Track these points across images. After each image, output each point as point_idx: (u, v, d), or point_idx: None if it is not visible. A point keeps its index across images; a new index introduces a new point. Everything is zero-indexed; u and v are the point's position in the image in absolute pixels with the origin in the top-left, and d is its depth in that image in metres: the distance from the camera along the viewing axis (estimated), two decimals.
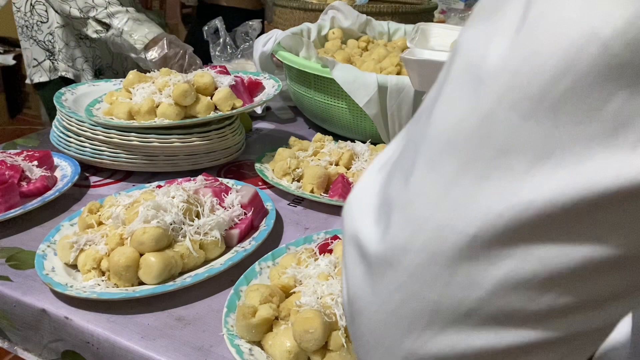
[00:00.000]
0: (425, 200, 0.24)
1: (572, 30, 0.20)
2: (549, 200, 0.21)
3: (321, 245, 0.67)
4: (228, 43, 1.41)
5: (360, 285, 0.27)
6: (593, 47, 0.19)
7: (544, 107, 0.20)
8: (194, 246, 0.67)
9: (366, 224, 0.27)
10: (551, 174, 0.21)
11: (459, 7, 2.27)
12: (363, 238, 0.27)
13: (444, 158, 0.23)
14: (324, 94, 1.09)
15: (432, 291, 0.24)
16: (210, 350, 0.57)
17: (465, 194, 0.22)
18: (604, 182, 0.20)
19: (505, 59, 0.21)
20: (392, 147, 0.30)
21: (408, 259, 0.24)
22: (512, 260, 0.22)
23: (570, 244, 0.21)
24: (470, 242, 0.22)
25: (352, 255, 0.28)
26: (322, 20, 1.39)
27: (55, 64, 1.40)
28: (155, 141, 0.90)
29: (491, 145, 0.22)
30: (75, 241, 0.67)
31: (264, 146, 1.09)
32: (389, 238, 0.25)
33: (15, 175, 0.83)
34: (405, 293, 0.24)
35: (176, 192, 0.72)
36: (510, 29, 0.22)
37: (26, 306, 0.64)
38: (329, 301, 0.56)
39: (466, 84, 0.23)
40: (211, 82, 0.95)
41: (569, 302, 0.22)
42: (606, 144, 0.20)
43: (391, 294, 0.25)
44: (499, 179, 0.22)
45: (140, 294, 0.62)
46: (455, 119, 0.23)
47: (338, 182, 0.88)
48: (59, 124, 0.96)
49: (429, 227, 0.23)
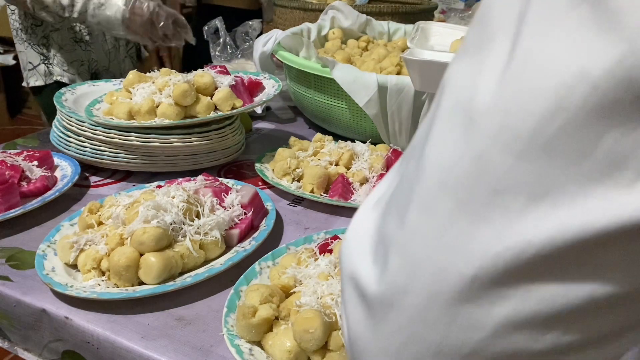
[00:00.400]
0: (421, 241, 0.24)
1: (561, 69, 0.19)
2: (547, 241, 0.20)
3: (321, 245, 0.67)
4: (228, 43, 1.41)
5: (361, 326, 0.26)
6: (583, 86, 0.19)
7: (536, 147, 0.20)
8: (194, 246, 0.68)
9: (364, 264, 0.27)
10: (548, 214, 0.20)
11: (459, 7, 2.27)
12: (361, 278, 0.26)
13: (438, 199, 0.23)
14: (324, 94, 1.09)
15: (433, 333, 0.23)
16: (210, 350, 0.57)
17: (462, 234, 0.22)
18: (601, 222, 0.20)
19: (495, 98, 0.21)
20: (386, 181, 0.30)
21: (408, 300, 0.24)
22: (513, 300, 0.22)
23: (570, 282, 0.21)
24: (470, 283, 0.22)
25: (351, 296, 0.27)
26: (322, 20, 1.39)
27: (51, 68, 1.36)
28: (155, 141, 0.90)
29: (485, 186, 0.21)
30: (75, 241, 0.67)
31: (264, 146, 1.09)
32: (388, 279, 0.25)
33: (15, 175, 0.83)
34: (406, 335, 0.24)
35: (176, 192, 0.72)
36: (497, 66, 0.21)
37: (26, 306, 0.64)
38: (329, 301, 0.56)
39: (456, 123, 0.23)
40: (211, 82, 0.95)
41: (573, 340, 0.22)
42: (601, 183, 0.19)
43: (392, 336, 0.25)
44: (496, 220, 0.21)
45: (140, 294, 0.62)
46: (447, 160, 0.23)
47: (338, 182, 0.88)
48: (59, 124, 0.96)
49: (428, 269, 0.23)
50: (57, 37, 1.34)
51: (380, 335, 0.25)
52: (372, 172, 0.90)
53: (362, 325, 0.26)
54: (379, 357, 0.25)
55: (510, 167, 0.21)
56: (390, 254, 0.25)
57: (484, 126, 0.21)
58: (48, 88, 1.37)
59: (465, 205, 0.22)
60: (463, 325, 0.23)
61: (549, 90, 0.20)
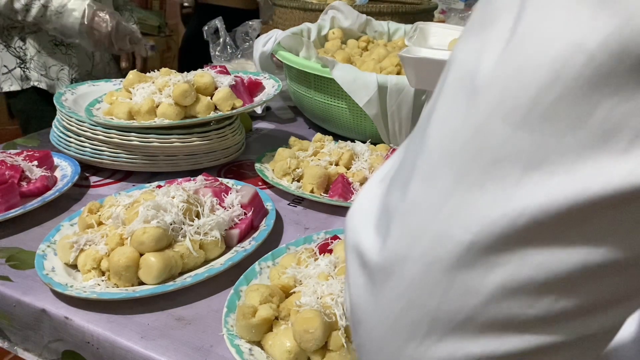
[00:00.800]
0: (422, 210, 0.24)
1: (558, 42, 0.20)
2: (542, 207, 0.21)
3: (321, 245, 0.67)
4: (228, 43, 1.41)
5: (362, 294, 0.27)
6: (580, 58, 0.20)
7: (534, 117, 0.21)
8: (194, 246, 0.68)
9: (367, 234, 0.28)
10: (544, 181, 0.21)
11: (459, 7, 2.27)
12: (364, 248, 0.27)
13: (439, 169, 0.24)
14: (324, 94, 1.09)
15: (430, 299, 0.24)
16: (210, 350, 0.57)
17: (461, 203, 0.23)
18: (596, 188, 0.20)
19: (496, 71, 0.22)
20: (392, 159, 0.31)
21: (407, 268, 0.25)
22: (509, 266, 0.22)
23: (564, 248, 0.21)
24: (467, 249, 0.23)
25: (353, 265, 0.28)
26: (322, 20, 1.39)
27: (27, 72, 1.29)
28: (155, 141, 0.90)
29: (485, 155, 0.22)
30: (75, 241, 0.67)
31: (264, 146, 1.09)
32: (388, 248, 0.26)
33: (15, 175, 0.83)
34: (405, 302, 0.25)
35: (176, 192, 0.72)
36: (500, 41, 0.22)
37: (26, 306, 0.64)
38: (329, 301, 0.56)
39: (460, 95, 0.24)
40: (211, 82, 0.95)
41: (567, 306, 0.22)
42: (597, 150, 0.20)
43: (391, 303, 0.25)
44: (493, 188, 0.22)
45: (140, 294, 0.62)
46: (449, 130, 0.24)
47: (338, 182, 0.88)
48: (59, 124, 0.96)
49: (427, 236, 0.24)
50: (35, 40, 1.27)
51: (380, 302, 0.26)
52: (372, 172, 0.90)
53: (363, 293, 0.27)
54: (379, 324, 0.26)
55: (509, 136, 0.22)
56: (392, 224, 0.26)
57: (485, 97, 0.22)
58: (24, 94, 1.31)
59: (464, 175, 0.23)
60: (459, 291, 0.23)
61: (547, 62, 0.21)
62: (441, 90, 0.25)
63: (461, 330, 0.24)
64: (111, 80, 1.12)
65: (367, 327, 0.27)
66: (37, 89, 1.30)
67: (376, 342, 0.27)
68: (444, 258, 0.23)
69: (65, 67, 1.32)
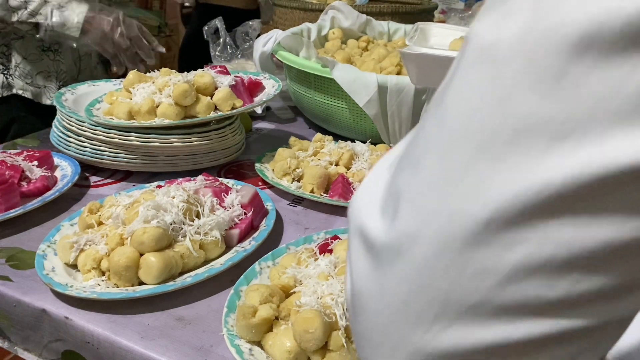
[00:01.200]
0: (437, 188, 0.23)
1: (592, 6, 0.19)
2: (568, 179, 0.20)
3: (321, 245, 0.67)
4: (228, 43, 1.41)
5: (365, 278, 0.26)
6: (615, 22, 0.19)
7: (565, 85, 0.20)
8: (194, 246, 0.68)
9: (373, 216, 0.26)
10: (571, 152, 0.20)
11: (459, 7, 2.27)
12: (369, 230, 0.26)
13: (457, 145, 0.23)
14: (324, 94, 1.09)
15: (442, 281, 0.23)
16: (210, 350, 0.57)
17: (480, 178, 0.22)
18: (627, 158, 0.19)
19: (522, 38, 0.21)
20: (401, 144, 0.30)
21: (417, 248, 0.23)
22: (528, 243, 0.21)
23: (590, 224, 0.20)
24: (485, 226, 0.22)
25: (357, 249, 0.27)
26: (322, 20, 1.39)
27: (10, 79, 1.20)
28: (155, 141, 0.90)
29: (508, 127, 0.21)
30: (75, 241, 0.67)
31: (264, 146, 1.09)
32: (397, 228, 0.24)
33: (15, 175, 0.83)
34: (414, 284, 0.24)
35: (176, 192, 0.72)
36: (523, 10, 0.21)
37: (26, 306, 0.64)
38: (329, 301, 0.56)
39: (481, 67, 0.22)
40: (211, 82, 0.95)
41: (589, 288, 0.21)
42: (628, 121, 0.19)
43: (398, 286, 0.24)
44: (516, 160, 0.21)
45: (140, 294, 0.62)
46: (469, 103, 0.23)
47: (338, 182, 0.88)
48: (59, 124, 0.96)
49: (440, 214, 0.23)
50: (21, 46, 1.19)
51: (386, 286, 0.25)
52: None
53: (367, 277, 0.26)
54: (383, 309, 0.25)
55: (535, 106, 0.21)
56: (402, 204, 0.25)
57: (511, 67, 0.21)
58: (4, 102, 1.22)
59: (484, 149, 0.22)
60: (474, 271, 0.22)
61: (579, 27, 0.19)
62: (458, 66, 0.24)
63: (473, 314, 0.22)
64: (111, 80, 1.12)
65: (370, 314, 0.26)
66: (19, 97, 1.22)
67: (379, 330, 0.25)
68: (458, 236, 0.22)
69: (53, 73, 1.24)
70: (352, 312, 0.28)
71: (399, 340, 0.25)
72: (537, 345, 0.22)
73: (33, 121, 1.19)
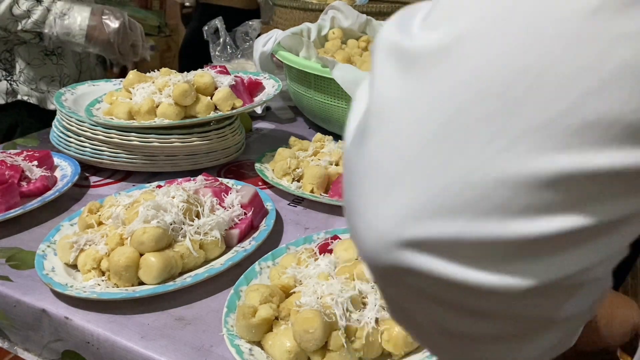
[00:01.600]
0: None
1: None
2: None
3: (321, 245, 0.67)
4: (228, 43, 1.41)
5: (394, 85, 0.21)
6: None
7: None
8: (194, 246, 0.68)
9: (410, 27, 0.22)
10: None
11: None
12: (404, 38, 0.21)
13: None
14: (324, 94, 1.09)
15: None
16: (210, 350, 0.57)
17: None
18: None
19: None
20: None
21: (483, 43, 0.19)
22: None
23: None
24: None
25: (383, 61, 0.22)
26: (322, 20, 1.39)
27: (14, 85, 1.19)
28: (155, 141, 0.90)
29: None
30: (75, 241, 0.67)
31: (264, 146, 1.09)
32: (451, 26, 0.20)
33: (15, 175, 0.83)
34: (472, 88, 0.19)
35: (176, 192, 0.72)
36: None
37: (26, 306, 0.64)
38: (329, 301, 0.56)
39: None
40: (211, 82, 0.95)
41: None
42: None
43: (451, 91, 0.19)
44: None
45: (140, 294, 0.62)
46: None
47: (338, 182, 0.88)
48: (58, 124, 0.96)
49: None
50: (24, 52, 1.18)
51: (428, 91, 0.20)
52: None
53: (396, 83, 0.21)
54: (418, 125, 0.20)
55: None
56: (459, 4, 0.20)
57: None
58: (8, 109, 1.21)
59: None
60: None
61: None
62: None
63: (570, 135, 0.17)
64: (111, 80, 1.12)
65: (393, 131, 0.20)
66: (25, 103, 1.21)
67: (407, 154, 0.20)
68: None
69: (57, 77, 1.24)
70: (359, 137, 0.23)
71: (438, 168, 0.19)
72: None
73: (37, 127, 1.18)
